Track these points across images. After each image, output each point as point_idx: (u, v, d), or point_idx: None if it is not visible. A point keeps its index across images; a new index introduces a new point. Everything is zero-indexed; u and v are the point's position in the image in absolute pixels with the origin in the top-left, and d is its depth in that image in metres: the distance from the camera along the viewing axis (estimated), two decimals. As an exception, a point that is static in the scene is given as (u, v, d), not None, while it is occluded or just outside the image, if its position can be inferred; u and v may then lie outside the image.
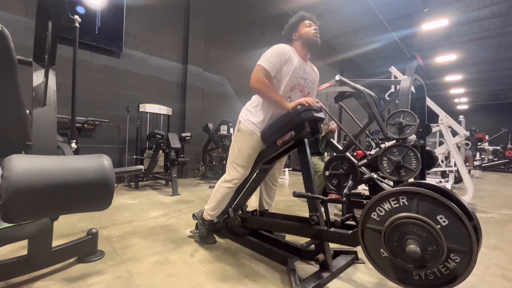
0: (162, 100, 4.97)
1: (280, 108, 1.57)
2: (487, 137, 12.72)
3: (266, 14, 7.37)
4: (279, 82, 1.62)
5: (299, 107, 1.49)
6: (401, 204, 1.05)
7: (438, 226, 0.95)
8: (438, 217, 0.96)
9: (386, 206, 1.08)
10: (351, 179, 2.44)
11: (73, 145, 1.54)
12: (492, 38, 9.81)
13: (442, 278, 0.96)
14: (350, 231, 1.30)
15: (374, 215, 1.12)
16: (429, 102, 3.50)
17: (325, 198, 1.43)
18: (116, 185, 4.07)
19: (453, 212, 0.93)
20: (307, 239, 1.67)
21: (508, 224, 2.77)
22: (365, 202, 2.70)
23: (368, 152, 3.46)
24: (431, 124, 3.46)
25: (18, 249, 1.67)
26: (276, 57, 1.58)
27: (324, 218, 1.43)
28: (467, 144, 5.97)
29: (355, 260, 1.68)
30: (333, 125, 3.45)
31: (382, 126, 2.71)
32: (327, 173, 2.54)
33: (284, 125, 1.56)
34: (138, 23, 4.66)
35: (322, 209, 1.45)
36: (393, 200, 1.07)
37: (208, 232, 1.93)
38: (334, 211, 3.00)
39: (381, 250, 1.09)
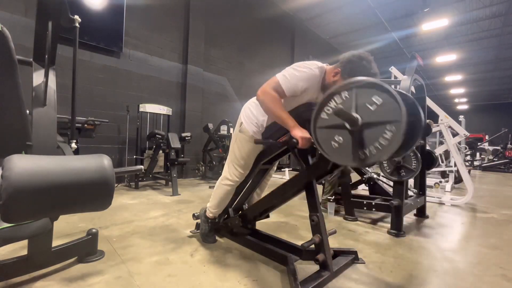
0: (162, 100, 4.97)
1: (283, 125, 1.43)
2: (487, 137, 12.73)
3: (266, 14, 7.37)
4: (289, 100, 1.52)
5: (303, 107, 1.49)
6: (344, 98, 1.16)
7: (374, 107, 1.09)
8: (373, 98, 1.09)
9: (332, 104, 1.19)
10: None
11: (73, 145, 1.54)
12: (492, 38, 9.81)
13: (385, 149, 1.05)
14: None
15: (323, 115, 1.22)
16: (429, 102, 3.50)
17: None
18: (116, 185, 4.07)
19: (385, 89, 1.07)
20: (307, 239, 1.67)
21: (508, 224, 2.77)
22: (365, 202, 2.71)
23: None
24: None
25: (18, 249, 1.67)
26: (300, 82, 1.42)
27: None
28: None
29: (355, 260, 1.68)
30: None
31: None
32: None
33: (284, 125, 1.56)
34: (138, 23, 4.66)
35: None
36: (336, 97, 1.18)
37: (210, 230, 1.93)
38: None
39: (332, 142, 1.20)
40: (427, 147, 3.17)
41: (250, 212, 1.82)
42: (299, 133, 1.33)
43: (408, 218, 2.83)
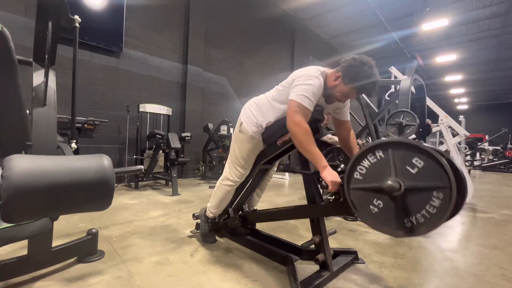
0: (162, 100, 4.97)
1: (313, 162, 1.41)
2: (487, 137, 12.74)
3: (266, 14, 7.37)
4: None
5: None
6: (379, 158, 1.08)
7: (415, 170, 0.99)
8: (413, 160, 1.00)
9: (366, 163, 1.11)
10: None
11: (73, 145, 1.54)
12: (492, 38, 9.81)
13: (432, 217, 0.96)
14: (341, 199, 1.28)
15: (356, 175, 1.14)
16: (429, 102, 3.50)
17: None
18: (116, 185, 4.07)
19: (426, 153, 0.97)
20: (307, 239, 1.67)
21: (508, 224, 2.77)
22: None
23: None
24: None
25: (18, 249, 1.66)
26: (316, 94, 1.42)
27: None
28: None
29: (355, 260, 1.68)
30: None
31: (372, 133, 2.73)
32: None
33: (284, 125, 1.55)
34: (138, 23, 4.66)
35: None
36: (370, 156, 1.10)
37: (210, 230, 1.94)
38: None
39: (371, 207, 1.09)
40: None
41: (251, 218, 1.83)
42: (329, 178, 1.28)
43: (408, 218, 2.83)
